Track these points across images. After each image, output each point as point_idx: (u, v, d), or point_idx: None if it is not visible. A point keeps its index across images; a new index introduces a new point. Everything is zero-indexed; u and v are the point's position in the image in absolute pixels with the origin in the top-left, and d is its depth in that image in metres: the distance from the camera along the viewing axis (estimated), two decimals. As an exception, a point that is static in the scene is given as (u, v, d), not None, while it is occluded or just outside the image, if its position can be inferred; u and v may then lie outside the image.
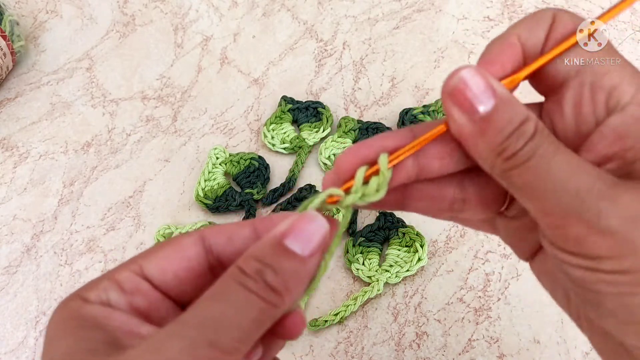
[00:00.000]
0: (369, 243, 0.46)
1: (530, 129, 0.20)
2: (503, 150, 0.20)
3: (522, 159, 0.20)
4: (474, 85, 0.20)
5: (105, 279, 0.21)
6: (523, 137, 0.20)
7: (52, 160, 0.54)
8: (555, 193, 0.19)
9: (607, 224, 0.19)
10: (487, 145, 0.20)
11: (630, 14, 0.59)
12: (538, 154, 0.19)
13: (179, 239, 0.22)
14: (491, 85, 0.20)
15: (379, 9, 0.62)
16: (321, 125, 0.53)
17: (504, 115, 0.20)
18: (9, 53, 0.56)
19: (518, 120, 0.20)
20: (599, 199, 0.19)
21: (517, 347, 0.42)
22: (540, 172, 0.19)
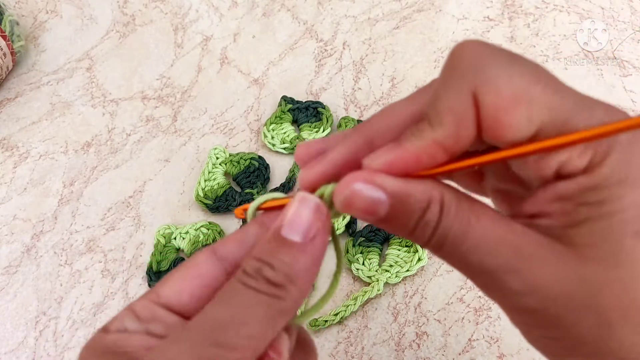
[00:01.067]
0: (369, 243, 0.46)
1: (434, 215, 0.20)
2: (416, 239, 0.20)
3: (436, 245, 0.20)
4: (363, 195, 0.20)
5: (123, 311, 0.22)
6: (429, 227, 0.20)
7: (52, 160, 0.54)
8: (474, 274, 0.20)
9: (525, 303, 0.19)
10: (405, 235, 0.21)
11: (630, 14, 0.59)
12: (448, 239, 0.20)
13: (191, 259, 0.23)
14: (381, 187, 0.20)
15: (379, 9, 0.62)
16: (321, 125, 0.53)
17: (402, 211, 0.20)
18: (9, 53, 0.56)
19: (419, 210, 0.20)
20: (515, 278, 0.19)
21: (517, 347, 0.42)
22: (456, 256, 0.20)
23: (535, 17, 0.59)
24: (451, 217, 0.20)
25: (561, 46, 0.57)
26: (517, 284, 0.19)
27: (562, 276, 0.19)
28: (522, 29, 0.59)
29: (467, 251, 0.20)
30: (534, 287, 0.19)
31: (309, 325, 0.43)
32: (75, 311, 0.46)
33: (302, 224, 0.21)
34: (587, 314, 0.19)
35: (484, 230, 0.20)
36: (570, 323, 0.19)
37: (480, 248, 0.19)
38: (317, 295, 0.24)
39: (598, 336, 0.19)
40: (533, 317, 0.20)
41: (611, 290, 0.19)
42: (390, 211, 0.20)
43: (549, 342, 0.21)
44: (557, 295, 0.19)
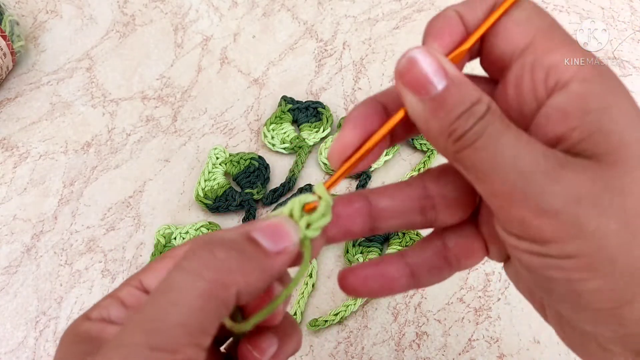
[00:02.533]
0: (369, 243, 0.46)
1: (481, 109, 0.19)
2: (453, 131, 0.19)
3: (470, 140, 0.19)
4: (425, 66, 0.20)
5: (108, 297, 0.22)
6: (473, 117, 0.19)
7: (52, 160, 0.54)
8: (501, 173, 0.19)
9: (549, 204, 0.18)
10: (438, 127, 0.20)
11: (630, 13, 0.59)
12: (486, 133, 0.19)
13: (174, 250, 0.23)
14: (442, 66, 0.20)
15: (379, 9, 0.62)
16: (321, 125, 0.53)
17: (455, 96, 0.19)
18: (9, 53, 0.56)
19: (469, 101, 0.19)
20: (543, 178, 0.18)
21: (517, 347, 0.42)
22: (487, 152, 0.19)
23: (535, 17, 0.59)
24: (496, 116, 0.19)
25: None
26: (546, 184, 0.18)
27: (587, 181, 0.18)
28: (522, 29, 0.59)
29: (500, 149, 0.19)
30: (561, 189, 0.18)
31: (309, 325, 0.43)
32: (75, 311, 0.46)
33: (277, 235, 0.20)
34: (610, 218, 0.18)
35: (519, 135, 0.19)
36: (593, 229, 0.18)
37: (514, 148, 0.19)
38: None
39: (621, 244, 0.18)
40: (555, 223, 0.18)
41: (634, 194, 0.18)
42: (443, 92, 0.19)
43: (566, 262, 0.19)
44: (583, 198, 0.18)
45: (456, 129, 0.19)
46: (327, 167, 0.51)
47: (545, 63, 0.20)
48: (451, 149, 0.20)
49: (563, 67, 0.20)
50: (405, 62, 0.20)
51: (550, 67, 0.20)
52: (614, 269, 0.18)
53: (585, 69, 0.19)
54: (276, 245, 0.20)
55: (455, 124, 0.19)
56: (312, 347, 0.43)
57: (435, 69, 0.19)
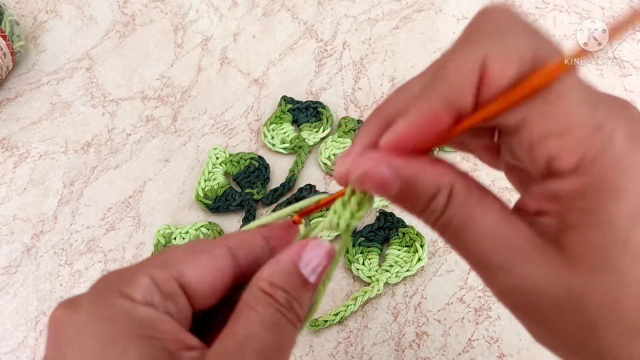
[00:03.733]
0: (369, 243, 0.46)
1: (440, 203, 0.20)
2: (424, 220, 0.21)
3: (439, 228, 0.21)
4: (377, 174, 0.20)
5: (143, 276, 0.20)
6: (435, 212, 0.21)
7: (52, 160, 0.54)
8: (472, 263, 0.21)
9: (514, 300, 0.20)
10: (411, 213, 0.21)
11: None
12: (451, 226, 0.21)
13: (210, 248, 0.23)
14: (394, 168, 0.20)
15: (379, 9, 0.62)
16: (321, 125, 0.53)
17: (412, 193, 0.21)
18: (9, 53, 0.56)
19: (426, 197, 0.20)
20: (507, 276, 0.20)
21: (517, 347, 0.42)
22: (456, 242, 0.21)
23: (535, 17, 0.59)
24: (456, 207, 0.20)
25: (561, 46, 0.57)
26: (509, 281, 0.20)
27: (551, 280, 0.19)
28: (522, 29, 0.59)
29: (467, 241, 0.20)
30: (523, 287, 0.20)
31: (309, 325, 0.43)
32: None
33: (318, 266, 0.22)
34: (571, 317, 0.19)
35: (485, 225, 0.20)
36: (556, 324, 0.20)
37: (479, 241, 0.20)
38: None
39: (582, 339, 0.19)
40: (524, 312, 0.21)
41: (597, 298, 0.19)
42: (400, 192, 0.21)
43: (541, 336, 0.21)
44: (545, 297, 0.19)
45: (425, 219, 0.21)
46: (327, 167, 0.51)
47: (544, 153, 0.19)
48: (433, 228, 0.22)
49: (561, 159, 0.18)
50: (357, 176, 0.21)
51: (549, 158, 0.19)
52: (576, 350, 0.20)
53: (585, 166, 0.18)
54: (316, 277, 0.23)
55: (423, 215, 0.21)
56: (312, 347, 0.43)
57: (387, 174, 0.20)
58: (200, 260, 0.22)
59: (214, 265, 0.22)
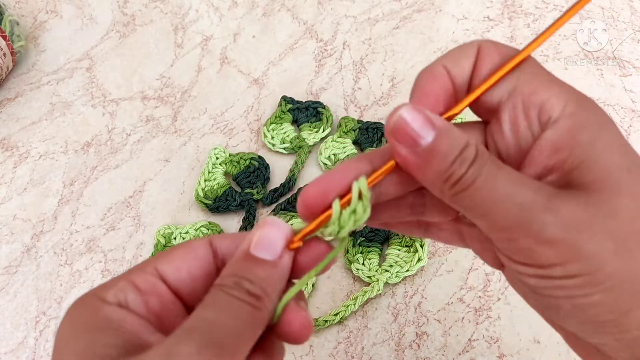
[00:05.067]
0: (369, 243, 0.46)
1: (471, 153, 0.21)
2: (449, 177, 0.21)
3: (467, 183, 0.21)
4: (413, 121, 0.21)
5: (122, 280, 0.22)
6: (465, 163, 0.21)
7: (52, 160, 0.54)
8: (501, 210, 0.21)
9: (551, 233, 0.20)
10: (433, 174, 0.22)
11: (630, 14, 0.59)
12: (482, 176, 0.21)
13: (189, 242, 0.24)
14: (429, 119, 0.21)
15: (379, 9, 0.62)
16: (321, 125, 0.53)
17: (444, 145, 0.21)
18: (9, 53, 0.56)
19: (458, 148, 0.21)
20: (541, 211, 0.20)
21: (517, 347, 0.42)
22: (485, 192, 0.21)
23: (535, 17, 0.59)
24: (485, 157, 0.21)
25: (561, 46, 0.57)
26: (545, 215, 0.20)
27: (581, 209, 0.20)
28: (522, 29, 0.59)
29: (498, 186, 0.21)
30: (560, 218, 0.20)
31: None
32: (75, 311, 0.46)
33: (271, 245, 0.22)
34: (606, 240, 0.20)
35: (511, 172, 0.21)
36: (592, 251, 0.20)
37: (511, 184, 0.21)
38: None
39: (618, 261, 0.20)
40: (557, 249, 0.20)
41: (624, 215, 0.20)
42: (433, 143, 0.21)
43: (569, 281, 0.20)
44: (579, 224, 0.20)
45: (451, 175, 0.21)
46: (327, 167, 0.51)
47: (536, 102, 0.22)
48: (449, 193, 0.22)
49: (552, 104, 0.22)
50: (395, 119, 0.22)
51: (541, 105, 0.22)
52: (613, 283, 0.20)
53: (571, 105, 0.22)
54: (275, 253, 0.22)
55: (450, 170, 0.21)
56: (312, 347, 0.43)
57: (422, 122, 0.21)
58: (175, 254, 0.23)
59: (190, 256, 0.23)
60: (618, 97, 0.54)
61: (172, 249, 0.23)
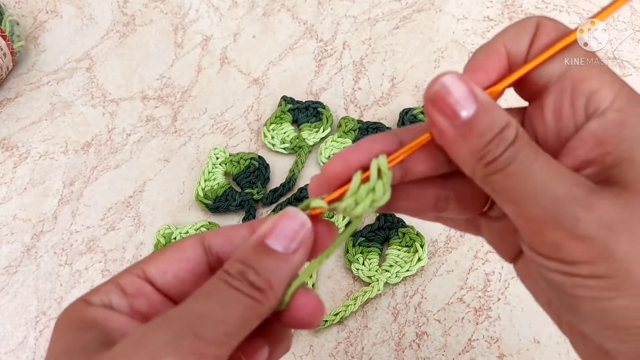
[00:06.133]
0: (369, 243, 0.46)
1: (511, 134, 0.20)
2: (484, 156, 0.20)
3: (502, 164, 0.20)
4: (455, 91, 0.20)
5: (108, 284, 0.22)
6: (503, 143, 0.20)
7: (52, 160, 0.54)
8: (534, 199, 0.20)
9: (583, 230, 0.19)
10: (468, 151, 0.20)
11: (630, 14, 0.59)
12: (518, 159, 0.20)
13: (179, 242, 0.23)
14: (473, 91, 0.20)
15: (379, 9, 0.62)
16: (321, 125, 0.53)
17: (485, 121, 0.20)
18: (9, 53, 0.56)
19: (499, 125, 0.20)
20: (576, 205, 0.19)
21: (517, 347, 0.42)
22: (519, 178, 0.20)
23: (535, 17, 0.59)
24: (525, 142, 0.20)
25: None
26: (579, 211, 0.19)
27: (618, 208, 0.19)
28: (522, 29, 0.59)
29: (533, 175, 0.20)
30: (594, 216, 0.19)
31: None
32: (75, 311, 0.46)
33: (289, 237, 0.21)
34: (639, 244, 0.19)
35: (549, 161, 0.20)
36: (623, 254, 0.19)
37: (547, 175, 0.20)
38: None
39: None
40: (587, 247, 0.19)
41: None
42: (473, 117, 0.20)
43: (595, 282, 0.20)
44: (614, 224, 0.19)
45: (487, 154, 0.20)
46: (327, 167, 0.51)
47: (586, 90, 0.21)
48: (481, 172, 0.21)
49: (602, 94, 0.20)
50: (436, 87, 0.20)
51: (590, 94, 0.21)
52: None
53: (622, 99, 0.20)
54: (290, 246, 0.21)
55: (486, 149, 0.20)
56: (312, 347, 0.43)
57: (465, 94, 0.20)
58: (162, 256, 0.23)
59: (177, 256, 0.23)
60: (618, 97, 0.54)
61: (162, 250, 0.23)
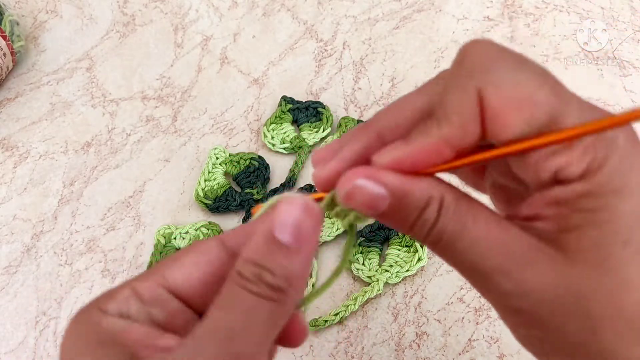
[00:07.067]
0: (369, 243, 0.46)
1: (432, 214, 0.20)
2: (414, 234, 0.21)
3: (432, 241, 0.21)
4: (366, 190, 0.20)
5: (125, 288, 0.21)
6: (426, 225, 0.20)
7: (52, 160, 0.54)
8: (466, 272, 0.21)
9: (513, 304, 0.20)
10: (401, 230, 0.21)
11: (630, 13, 0.59)
12: (444, 238, 0.20)
13: (199, 245, 0.22)
14: (383, 183, 0.20)
15: (379, 9, 0.62)
16: (321, 125, 0.53)
17: (402, 208, 0.21)
18: (9, 53, 0.56)
19: (418, 208, 0.20)
20: (506, 280, 0.20)
21: (517, 347, 0.42)
22: (450, 253, 0.21)
23: (535, 17, 0.59)
24: (449, 217, 0.20)
25: (561, 46, 0.57)
26: (508, 285, 0.20)
27: (551, 281, 0.19)
28: (522, 29, 0.59)
29: (461, 251, 0.20)
30: (523, 290, 0.20)
31: (309, 325, 0.43)
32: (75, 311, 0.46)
33: (294, 224, 0.20)
34: (573, 318, 0.19)
35: (479, 232, 0.20)
36: (556, 326, 0.20)
37: (474, 249, 0.20)
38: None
39: (582, 340, 0.20)
40: (521, 317, 0.20)
41: (598, 297, 0.19)
42: (390, 207, 0.20)
43: (535, 341, 0.21)
44: (545, 299, 0.19)
45: (415, 233, 0.21)
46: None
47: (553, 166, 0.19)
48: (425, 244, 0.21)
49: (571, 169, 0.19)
50: (345, 191, 0.21)
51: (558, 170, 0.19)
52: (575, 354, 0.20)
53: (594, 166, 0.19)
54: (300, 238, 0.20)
55: (413, 230, 0.21)
56: (312, 347, 0.43)
57: (376, 189, 0.20)
58: (184, 260, 0.22)
59: (201, 260, 0.21)
60: (618, 97, 0.54)
61: (181, 253, 0.22)
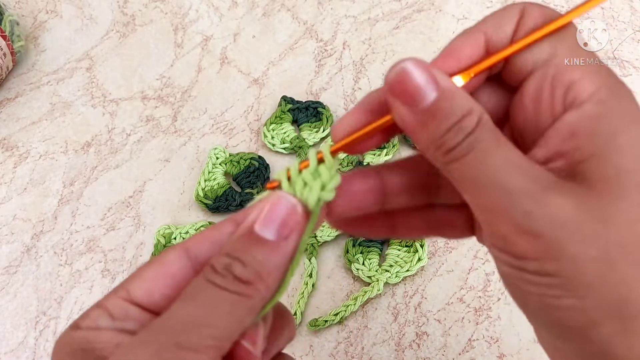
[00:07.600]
0: (369, 243, 0.46)
1: (471, 123, 0.19)
2: (442, 144, 0.20)
3: (459, 154, 0.19)
4: (416, 77, 0.20)
5: (95, 308, 0.21)
6: (462, 132, 0.19)
7: (52, 160, 0.54)
8: (488, 190, 0.19)
9: (533, 225, 0.19)
10: (427, 138, 0.20)
11: (630, 13, 0.59)
12: (476, 149, 0.19)
13: (162, 256, 0.22)
14: (434, 78, 0.20)
15: (379, 9, 0.62)
16: (321, 125, 0.53)
17: (445, 108, 0.19)
18: (9, 53, 0.56)
19: (460, 113, 0.19)
20: (529, 199, 0.19)
21: (517, 347, 0.42)
22: (476, 168, 0.19)
23: (535, 17, 0.59)
24: (486, 130, 0.20)
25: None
26: (531, 205, 0.19)
27: (573, 206, 0.19)
28: (522, 29, 0.59)
29: (491, 165, 0.19)
30: (546, 212, 0.19)
31: (309, 325, 0.43)
32: (75, 311, 0.46)
33: (277, 221, 0.20)
34: (591, 246, 0.18)
35: (509, 152, 0.19)
36: (573, 254, 0.18)
37: (505, 166, 0.19)
38: None
39: (598, 271, 0.18)
40: (536, 243, 0.19)
41: (617, 224, 0.18)
42: (433, 104, 0.19)
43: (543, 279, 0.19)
44: (567, 223, 0.18)
45: (445, 142, 0.20)
46: (327, 167, 0.51)
47: (566, 80, 0.20)
48: (440, 160, 0.20)
49: (583, 85, 0.20)
50: (395, 73, 0.20)
51: (570, 84, 0.20)
52: (588, 292, 0.19)
53: (603, 91, 0.19)
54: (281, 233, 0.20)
55: (444, 137, 0.19)
56: (312, 347, 0.43)
57: (426, 80, 0.20)
58: (144, 274, 0.21)
59: (163, 273, 0.21)
60: (618, 97, 0.54)
61: (145, 266, 0.22)
